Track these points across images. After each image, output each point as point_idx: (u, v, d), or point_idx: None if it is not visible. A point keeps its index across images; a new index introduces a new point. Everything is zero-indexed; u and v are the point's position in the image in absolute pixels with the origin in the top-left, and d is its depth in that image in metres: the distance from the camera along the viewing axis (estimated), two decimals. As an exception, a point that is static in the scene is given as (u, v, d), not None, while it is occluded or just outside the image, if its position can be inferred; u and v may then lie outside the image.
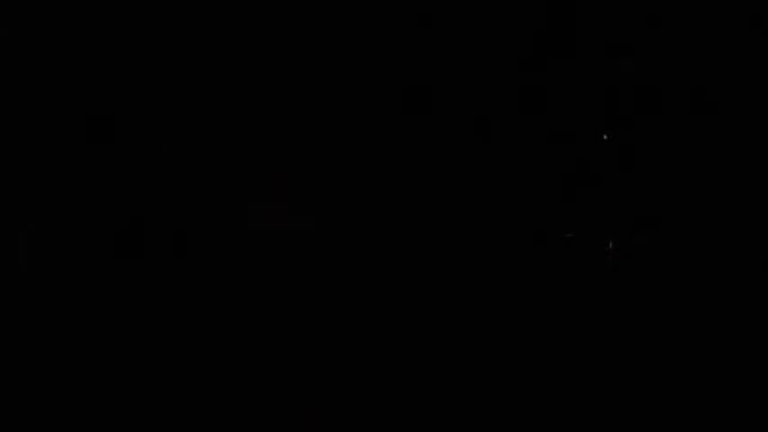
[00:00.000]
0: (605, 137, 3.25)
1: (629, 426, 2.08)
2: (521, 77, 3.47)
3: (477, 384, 2.34)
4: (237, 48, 3.50)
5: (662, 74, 3.15)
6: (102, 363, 2.66)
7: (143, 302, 3.16)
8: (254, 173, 3.61)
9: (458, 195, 3.61)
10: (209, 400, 2.32)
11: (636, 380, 2.38)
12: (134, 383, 2.42)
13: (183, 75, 3.44)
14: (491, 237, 3.47)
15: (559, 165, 3.33)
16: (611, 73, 3.23)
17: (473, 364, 2.52)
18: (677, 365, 2.51)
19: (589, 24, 3.22)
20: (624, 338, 2.80)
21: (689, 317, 2.91)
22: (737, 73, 3.01)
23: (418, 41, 3.48)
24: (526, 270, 3.27)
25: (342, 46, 3.56)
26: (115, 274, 3.22)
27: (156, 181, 3.39)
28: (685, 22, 3.08)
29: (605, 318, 3.04)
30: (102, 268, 3.22)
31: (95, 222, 3.27)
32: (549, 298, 3.17)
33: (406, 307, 3.23)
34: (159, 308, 3.14)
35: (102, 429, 2.16)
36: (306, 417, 2.15)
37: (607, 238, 3.24)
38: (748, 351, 2.59)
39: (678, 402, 2.22)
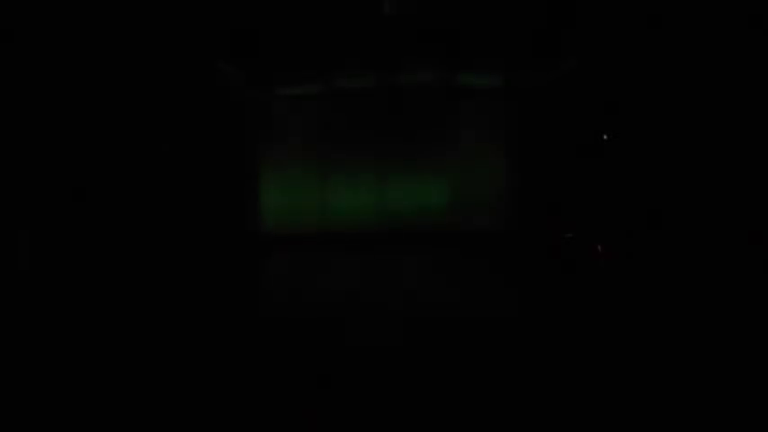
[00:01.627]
0: (605, 137, 3.26)
1: (629, 425, 2.08)
2: (520, 77, 3.47)
3: (477, 384, 2.34)
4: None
5: (662, 74, 3.15)
6: (102, 362, 2.66)
7: (143, 302, 3.16)
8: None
9: (458, 195, 3.60)
10: (210, 399, 2.32)
11: (635, 378, 2.38)
12: (134, 383, 2.43)
13: (184, 74, 3.45)
14: (491, 236, 3.47)
15: (560, 165, 3.33)
16: (611, 73, 3.24)
17: (473, 364, 2.53)
18: (677, 365, 2.51)
19: (588, 24, 3.22)
20: (624, 338, 2.80)
21: (689, 317, 2.91)
22: (737, 73, 3.02)
23: (419, 42, 3.49)
24: (526, 270, 3.28)
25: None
26: (115, 274, 3.23)
27: (155, 180, 3.39)
28: (685, 22, 3.08)
29: (605, 317, 3.04)
30: (102, 268, 3.22)
31: (95, 222, 3.28)
32: (548, 298, 3.18)
33: (406, 306, 3.24)
34: (158, 307, 3.14)
35: (103, 429, 2.16)
36: (306, 417, 2.16)
37: (606, 238, 3.24)
38: (748, 350, 2.59)
39: (678, 401, 2.22)
